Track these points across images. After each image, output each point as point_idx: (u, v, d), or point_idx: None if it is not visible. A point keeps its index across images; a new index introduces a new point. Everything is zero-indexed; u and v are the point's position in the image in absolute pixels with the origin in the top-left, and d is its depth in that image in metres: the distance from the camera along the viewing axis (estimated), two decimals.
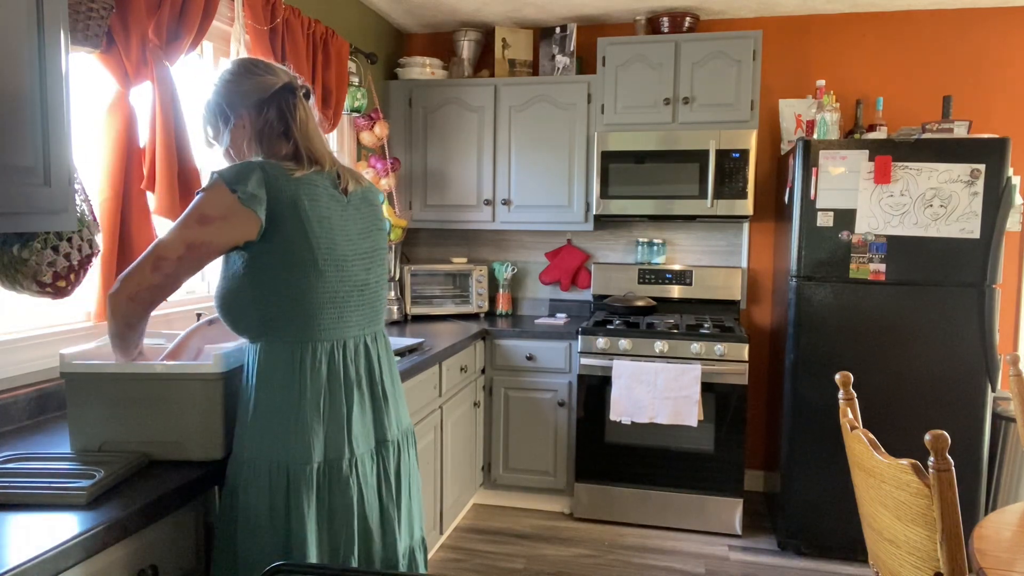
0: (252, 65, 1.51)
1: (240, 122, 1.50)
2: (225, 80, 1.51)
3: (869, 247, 3.03)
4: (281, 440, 1.40)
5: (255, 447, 1.41)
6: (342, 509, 1.44)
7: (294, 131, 1.48)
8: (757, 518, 3.58)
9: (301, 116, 1.50)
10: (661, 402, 3.26)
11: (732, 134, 3.43)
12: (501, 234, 4.19)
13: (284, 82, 1.50)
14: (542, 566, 3.07)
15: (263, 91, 1.48)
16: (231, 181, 1.37)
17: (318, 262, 1.42)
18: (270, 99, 1.48)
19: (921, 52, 3.64)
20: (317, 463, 1.42)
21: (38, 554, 1.06)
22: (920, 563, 1.45)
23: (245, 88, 1.49)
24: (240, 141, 1.51)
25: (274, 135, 1.49)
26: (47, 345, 1.88)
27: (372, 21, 3.79)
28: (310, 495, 1.41)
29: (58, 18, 1.37)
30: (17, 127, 1.30)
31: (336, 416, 1.45)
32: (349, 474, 1.45)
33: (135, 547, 1.28)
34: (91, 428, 1.49)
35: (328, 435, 1.44)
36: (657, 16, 3.68)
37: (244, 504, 1.41)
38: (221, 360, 1.48)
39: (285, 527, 1.40)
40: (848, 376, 1.82)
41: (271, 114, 1.48)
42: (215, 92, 1.52)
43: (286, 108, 1.48)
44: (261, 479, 1.40)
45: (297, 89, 1.52)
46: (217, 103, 1.52)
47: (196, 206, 1.37)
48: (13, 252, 1.54)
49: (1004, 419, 3.15)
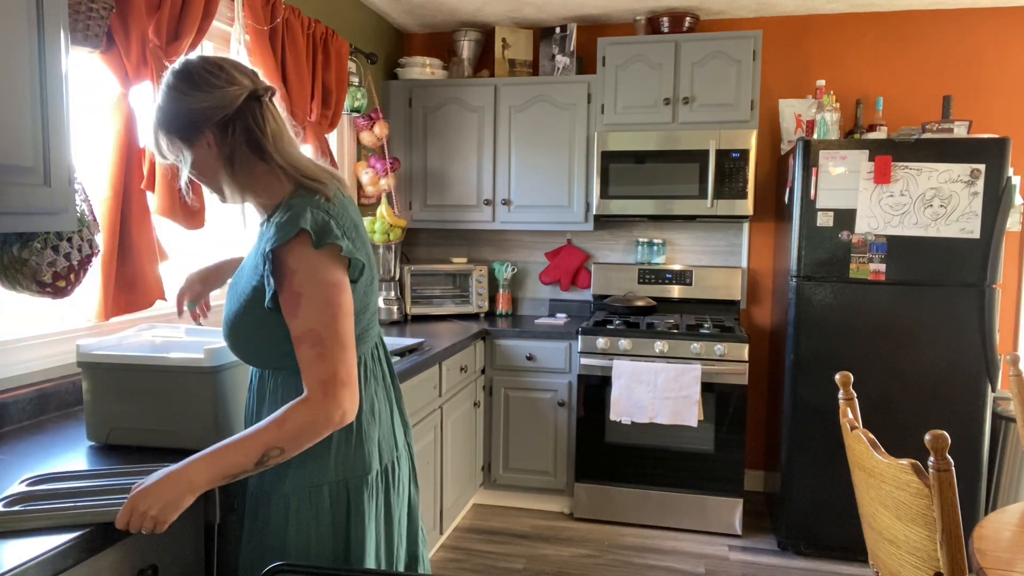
0: (206, 73, 1.27)
1: (203, 141, 1.28)
2: (177, 92, 1.27)
3: (869, 247, 3.03)
4: (343, 458, 1.34)
5: (315, 474, 1.32)
6: (395, 508, 1.44)
7: (269, 150, 1.29)
8: (757, 518, 3.58)
9: (273, 128, 1.30)
10: (661, 402, 3.26)
11: (732, 134, 3.43)
12: (501, 234, 4.19)
13: (248, 91, 1.28)
14: (542, 566, 3.07)
15: (226, 107, 1.26)
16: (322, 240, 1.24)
17: (374, 275, 1.41)
18: (235, 115, 1.27)
19: (921, 52, 3.64)
20: (375, 471, 1.38)
21: (38, 554, 1.06)
22: (920, 563, 1.45)
23: (204, 104, 1.25)
24: (206, 163, 1.30)
25: (245, 157, 1.29)
26: (47, 345, 1.89)
27: (372, 21, 3.79)
28: (371, 504, 1.37)
29: (58, 18, 1.37)
30: (17, 127, 1.30)
31: (384, 419, 1.43)
32: (400, 472, 1.46)
33: (135, 547, 1.28)
34: (102, 417, 1.57)
35: (381, 439, 1.41)
36: (657, 16, 3.68)
37: (297, 538, 1.32)
38: (212, 355, 1.52)
39: (345, 546, 1.34)
40: (848, 376, 1.82)
41: (238, 135, 1.28)
42: (168, 104, 1.28)
43: (254, 123, 1.28)
44: (323, 503, 1.32)
45: (262, 94, 1.30)
46: (171, 118, 1.28)
47: (321, 295, 1.23)
48: (13, 252, 1.54)
49: (1004, 419, 3.15)
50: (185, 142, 1.29)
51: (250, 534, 1.38)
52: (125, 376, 1.56)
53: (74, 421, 1.80)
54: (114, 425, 1.57)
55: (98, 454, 1.54)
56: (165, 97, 1.28)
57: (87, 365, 1.57)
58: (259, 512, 1.36)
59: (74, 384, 1.92)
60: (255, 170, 1.31)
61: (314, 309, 1.23)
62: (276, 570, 1.07)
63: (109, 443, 1.59)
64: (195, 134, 1.27)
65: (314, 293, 1.23)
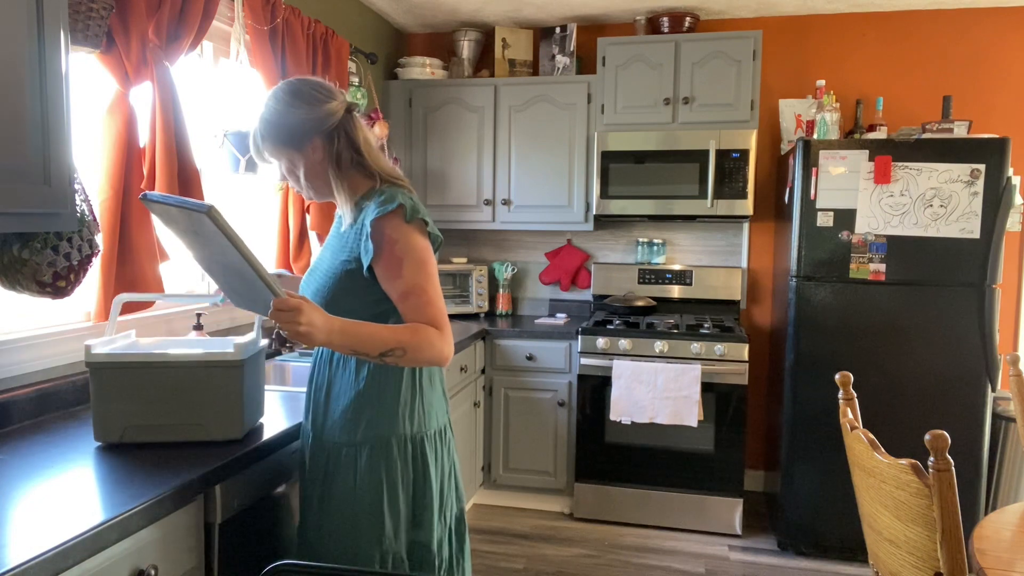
0: (312, 90, 1.52)
1: (311, 146, 1.52)
2: (288, 107, 1.51)
3: (869, 247, 3.03)
4: (408, 415, 1.55)
5: (382, 427, 1.52)
6: (450, 466, 1.65)
7: (364, 154, 1.55)
8: (757, 518, 3.58)
9: (364, 135, 1.56)
10: (661, 402, 3.26)
11: (732, 134, 3.43)
12: (501, 234, 4.19)
13: (346, 105, 1.54)
14: (542, 566, 3.07)
15: (331, 119, 1.51)
16: (414, 215, 1.49)
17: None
18: (339, 125, 1.52)
19: (921, 52, 3.64)
20: (435, 429, 1.60)
21: (38, 554, 1.06)
22: (920, 563, 1.45)
23: (313, 116, 1.50)
24: (313, 166, 1.54)
25: (346, 160, 1.54)
26: (47, 345, 1.88)
27: (372, 21, 3.79)
28: (435, 459, 1.59)
29: (58, 18, 1.37)
30: (17, 127, 1.30)
31: (437, 387, 1.63)
32: (450, 435, 1.67)
33: (135, 547, 1.28)
34: (114, 416, 1.57)
35: (436, 404, 1.62)
36: (657, 16, 3.68)
37: (367, 485, 1.51)
38: (241, 348, 1.61)
39: (411, 498, 1.55)
40: (848, 376, 1.82)
41: (341, 143, 1.53)
42: (277, 117, 1.51)
43: (352, 132, 1.54)
44: (393, 453, 1.52)
45: (352, 108, 1.56)
46: (280, 129, 1.51)
47: (418, 257, 1.48)
48: (13, 252, 1.54)
49: (1004, 419, 3.15)
50: (296, 149, 1.52)
51: (311, 483, 1.57)
52: (143, 374, 1.58)
53: (75, 421, 1.80)
54: (129, 423, 1.58)
55: (109, 454, 1.54)
56: (274, 111, 1.52)
57: (98, 365, 1.57)
58: (329, 465, 1.55)
59: (75, 384, 1.92)
60: (351, 171, 1.55)
61: (415, 269, 1.47)
62: (277, 570, 1.07)
63: (124, 441, 1.59)
64: (305, 142, 1.51)
65: (413, 256, 1.47)
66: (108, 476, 1.40)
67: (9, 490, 1.33)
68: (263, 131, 1.54)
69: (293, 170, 1.56)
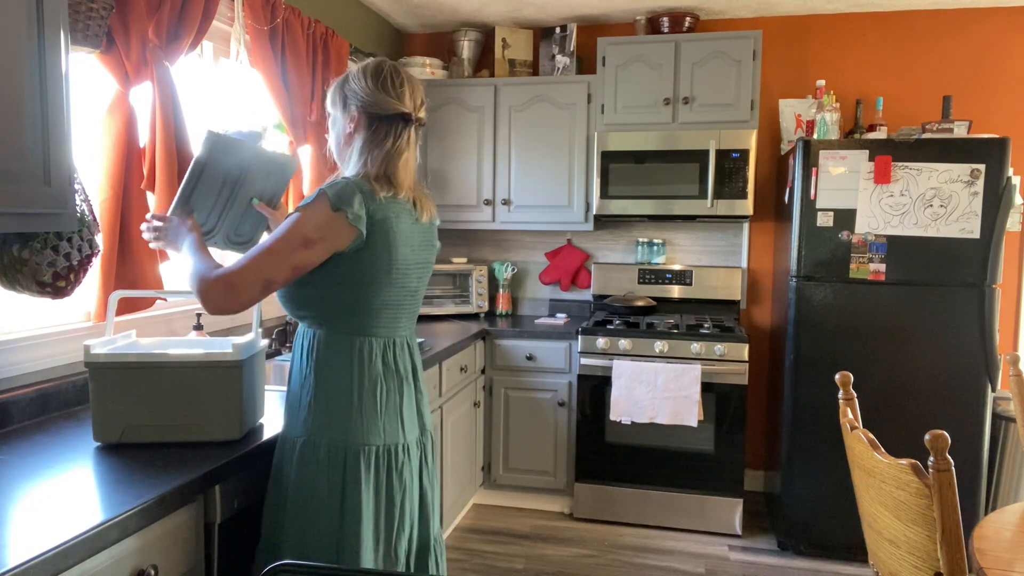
0: (387, 78, 1.58)
1: (350, 115, 1.59)
2: (361, 74, 1.59)
3: (869, 247, 3.03)
4: (341, 422, 1.53)
5: (313, 427, 1.53)
6: (397, 492, 1.58)
7: (389, 154, 1.57)
8: (757, 518, 3.58)
9: (400, 145, 1.59)
10: (661, 402, 3.26)
11: (732, 134, 3.43)
12: (501, 234, 4.19)
13: (403, 111, 1.58)
14: (542, 566, 3.07)
15: (381, 110, 1.56)
16: (336, 202, 1.47)
17: (391, 273, 1.56)
18: (384, 120, 1.57)
19: (921, 52, 3.64)
20: (376, 446, 1.54)
21: (38, 554, 1.06)
22: (920, 563, 1.45)
23: (372, 99, 1.56)
24: (343, 130, 1.61)
25: (369, 150, 1.57)
26: (47, 345, 1.88)
27: (372, 21, 3.79)
28: (368, 475, 1.53)
29: (58, 18, 1.37)
30: (17, 127, 1.30)
31: (391, 405, 1.59)
32: (404, 460, 1.60)
33: (135, 547, 1.28)
34: (113, 416, 1.58)
35: (385, 422, 1.57)
36: (657, 16, 3.68)
37: (299, 483, 1.51)
38: (241, 348, 1.62)
39: (340, 506, 1.51)
40: (848, 376, 1.82)
41: (377, 133, 1.57)
42: (353, 77, 1.60)
43: (392, 132, 1.57)
44: (320, 456, 1.51)
45: (412, 122, 1.60)
46: (346, 86, 1.60)
47: (298, 228, 1.46)
48: (13, 252, 1.54)
49: (1004, 419, 3.15)
50: (342, 108, 1.61)
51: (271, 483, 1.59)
52: (143, 374, 1.59)
53: (75, 421, 1.80)
54: (128, 424, 1.58)
55: (109, 454, 1.54)
56: (357, 71, 1.60)
57: (97, 365, 1.58)
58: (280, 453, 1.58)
59: (74, 384, 1.92)
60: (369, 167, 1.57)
61: (280, 236, 1.47)
62: (276, 570, 1.07)
63: (123, 442, 1.59)
64: (349, 107, 1.59)
65: (294, 228, 1.47)
66: (108, 476, 1.40)
67: (9, 490, 1.33)
68: (341, 80, 1.62)
69: (330, 125, 1.65)
